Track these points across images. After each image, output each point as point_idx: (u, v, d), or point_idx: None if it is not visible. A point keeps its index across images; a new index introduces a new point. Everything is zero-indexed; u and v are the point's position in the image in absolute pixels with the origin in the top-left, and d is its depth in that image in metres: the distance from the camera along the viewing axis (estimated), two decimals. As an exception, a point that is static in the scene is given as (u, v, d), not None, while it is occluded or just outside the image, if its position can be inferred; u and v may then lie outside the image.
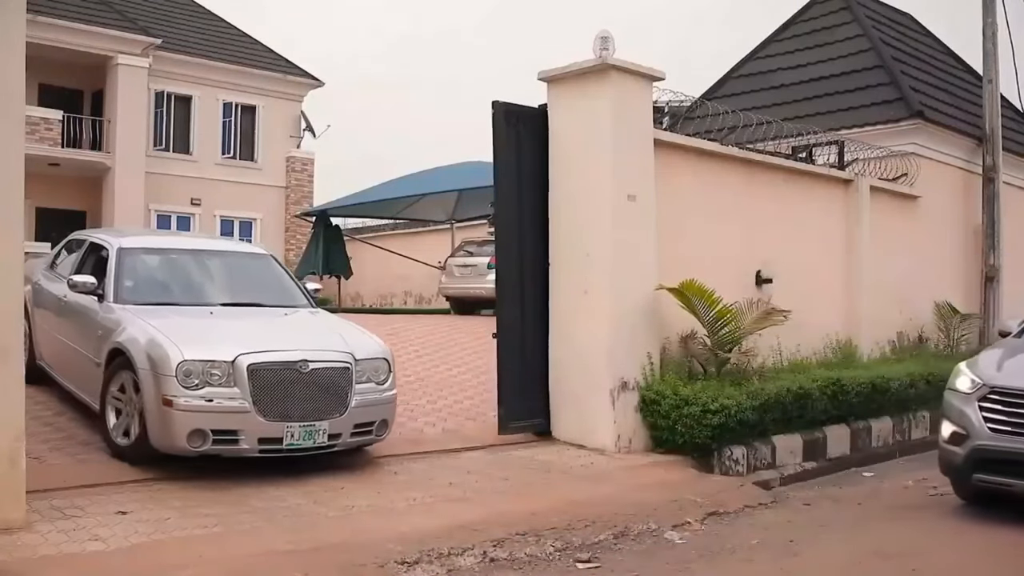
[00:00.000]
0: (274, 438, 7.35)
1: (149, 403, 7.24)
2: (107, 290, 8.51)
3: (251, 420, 7.25)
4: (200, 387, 7.19)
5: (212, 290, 9.19)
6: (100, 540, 5.79)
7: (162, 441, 7.25)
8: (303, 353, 7.64)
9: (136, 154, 28.53)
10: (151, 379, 7.25)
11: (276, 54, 34.00)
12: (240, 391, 7.26)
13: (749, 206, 11.20)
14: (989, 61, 15.50)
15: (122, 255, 8.89)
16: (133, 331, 7.70)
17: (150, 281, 8.96)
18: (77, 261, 9.66)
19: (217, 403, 7.20)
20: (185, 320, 8.09)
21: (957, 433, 7.80)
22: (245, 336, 7.86)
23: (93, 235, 10.12)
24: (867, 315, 12.87)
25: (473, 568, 5.95)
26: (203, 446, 7.19)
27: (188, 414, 7.13)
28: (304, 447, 7.49)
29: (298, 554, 5.79)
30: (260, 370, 7.36)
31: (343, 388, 7.74)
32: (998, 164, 15.34)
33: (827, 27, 17.24)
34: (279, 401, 7.38)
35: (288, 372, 7.47)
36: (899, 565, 6.41)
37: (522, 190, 9.66)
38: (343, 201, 25.51)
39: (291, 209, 32.23)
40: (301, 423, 7.42)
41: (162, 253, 9.43)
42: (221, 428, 7.21)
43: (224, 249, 10.21)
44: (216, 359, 7.29)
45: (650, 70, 9.74)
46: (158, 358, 7.27)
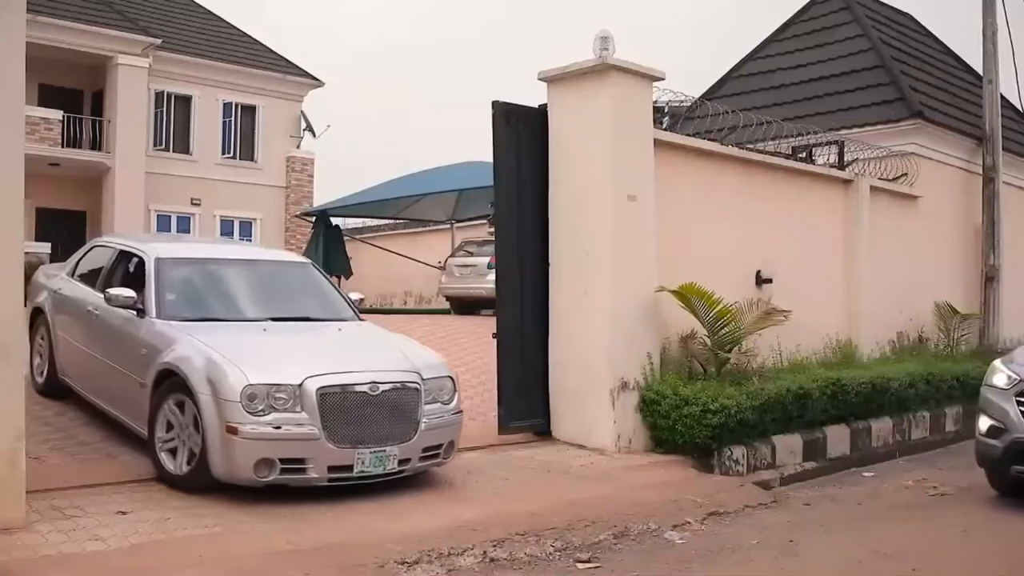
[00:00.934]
0: (344, 465, 6.90)
1: (210, 430, 6.73)
2: (148, 304, 7.89)
3: (320, 447, 6.79)
4: (266, 413, 6.71)
5: (258, 303, 8.58)
6: (100, 540, 5.79)
7: (225, 471, 6.76)
8: (372, 374, 7.19)
9: (136, 154, 28.53)
10: (212, 404, 6.74)
11: (276, 54, 33.99)
12: (308, 416, 6.79)
13: (749, 206, 11.21)
14: (989, 61, 15.50)
15: (161, 266, 8.24)
16: (185, 351, 7.17)
17: (193, 294, 8.35)
18: (105, 271, 9.03)
19: (285, 430, 6.72)
20: (239, 338, 7.57)
21: (995, 427, 8.24)
22: (307, 356, 7.43)
23: (122, 243, 9.38)
24: (867, 315, 12.88)
25: (473, 568, 5.95)
26: (270, 476, 6.73)
27: (254, 442, 6.65)
28: (374, 474, 7.05)
29: (298, 554, 5.79)
30: (330, 394, 6.89)
31: (413, 410, 7.29)
32: (998, 164, 15.34)
33: (827, 27, 17.25)
34: (349, 426, 6.93)
35: (358, 395, 7.02)
36: (899, 565, 6.42)
37: (522, 190, 9.66)
38: (343, 201, 25.50)
39: (291, 209, 32.22)
40: (371, 449, 6.98)
41: (201, 263, 8.83)
42: (289, 456, 6.76)
43: (263, 258, 9.77)
44: (282, 383, 6.82)
45: (650, 70, 9.74)
46: (220, 382, 6.77)
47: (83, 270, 9.61)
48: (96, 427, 8.56)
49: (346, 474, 6.94)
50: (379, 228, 33.70)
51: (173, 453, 7.12)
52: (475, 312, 19.65)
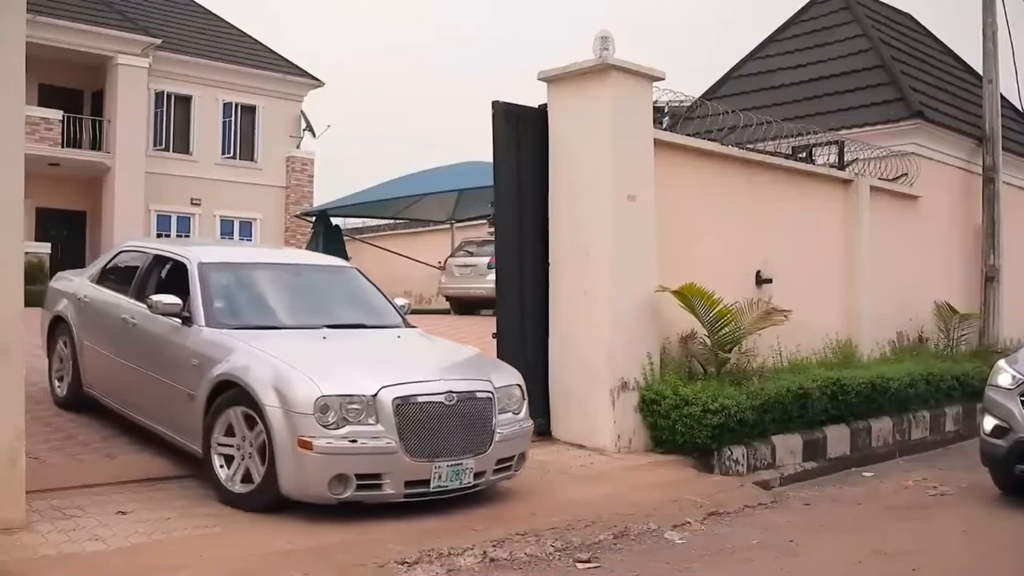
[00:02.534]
0: (421, 480, 6.60)
1: (280, 445, 6.37)
2: (195, 311, 7.49)
3: (397, 461, 6.47)
4: (340, 425, 6.38)
5: (309, 309, 8.23)
6: (100, 540, 5.79)
7: (296, 488, 6.43)
8: (446, 383, 6.89)
9: (136, 154, 28.56)
10: (281, 417, 6.38)
11: (276, 54, 34.02)
12: (384, 428, 6.46)
13: (749, 206, 11.20)
14: (989, 61, 15.50)
15: (205, 271, 7.82)
16: (245, 360, 6.81)
17: (241, 300, 7.99)
18: (139, 277, 8.55)
19: (361, 443, 6.39)
20: (300, 346, 7.24)
21: (1000, 427, 8.36)
22: (374, 365, 7.13)
23: (157, 247, 8.98)
24: (867, 315, 12.88)
25: (473, 568, 5.95)
26: (345, 493, 6.40)
27: (330, 457, 6.31)
28: (450, 488, 6.75)
29: (298, 554, 5.79)
30: (407, 404, 6.57)
31: (487, 421, 6.97)
32: (998, 164, 15.34)
33: (827, 27, 17.24)
34: (426, 438, 6.60)
35: (435, 405, 6.70)
36: (899, 565, 6.42)
37: (522, 190, 9.66)
38: (343, 201, 25.52)
39: (291, 209, 32.25)
40: (448, 462, 6.67)
41: (245, 268, 8.44)
42: (365, 472, 6.43)
43: (306, 262, 9.42)
44: (356, 393, 6.48)
45: (650, 70, 9.74)
46: (290, 393, 6.41)
47: (110, 277, 9.15)
48: (96, 428, 8.56)
49: (423, 489, 6.64)
50: (379, 228, 33.72)
51: (231, 469, 6.77)
52: (475, 312, 19.67)
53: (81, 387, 8.86)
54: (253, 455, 6.63)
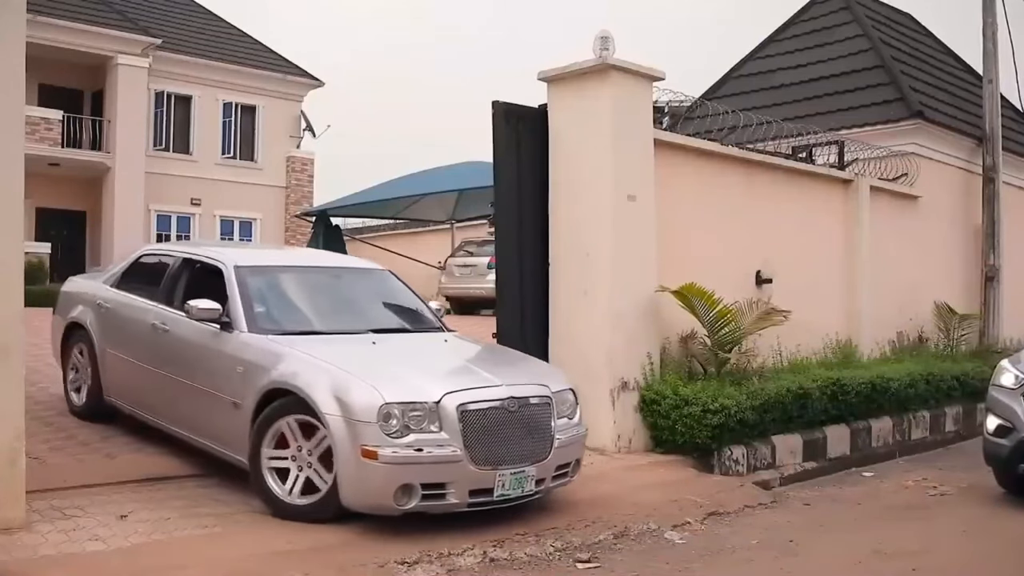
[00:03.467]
0: (485, 488, 6.41)
1: (341, 455, 6.17)
2: (235, 317, 7.25)
3: (462, 470, 6.27)
4: (404, 434, 6.17)
5: (351, 313, 8.08)
6: (100, 540, 5.79)
7: (359, 499, 6.25)
8: (507, 388, 6.68)
9: (136, 154, 28.58)
10: (343, 426, 6.17)
11: (276, 54, 34.03)
12: (448, 436, 6.26)
13: (749, 206, 11.20)
14: (989, 61, 15.50)
15: (242, 275, 7.58)
16: (299, 367, 6.59)
17: (281, 305, 7.77)
18: (167, 282, 8.26)
19: (427, 452, 6.19)
20: (353, 351, 7.04)
21: (1003, 426, 8.41)
22: (432, 370, 7.00)
23: (184, 251, 8.68)
24: (867, 315, 12.88)
25: (473, 568, 5.95)
26: (410, 503, 6.21)
27: (396, 467, 6.11)
28: (512, 497, 6.56)
29: (297, 554, 5.79)
30: (471, 411, 6.38)
31: (547, 426, 6.79)
32: (998, 164, 15.34)
33: (827, 27, 17.23)
34: (490, 446, 6.41)
35: (498, 412, 6.50)
36: (899, 565, 6.42)
37: (522, 190, 9.66)
38: (343, 201, 25.52)
39: (291, 209, 32.26)
40: (511, 469, 6.48)
41: (282, 272, 8.25)
42: (430, 481, 6.24)
43: (341, 265, 9.08)
44: (419, 400, 6.29)
45: (650, 70, 9.74)
46: (353, 401, 6.21)
47: (132, 281, 8.77)
48: (96, 428, 8.56)
49: (487, 498, 6.45)
50: (379, 228, 33.72)
51: (284, 480, 6.54)
52: (475, 312, 19.66)
53: (102, 396, 8.56)
54: (313, 465, 6.43)
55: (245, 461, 6.77)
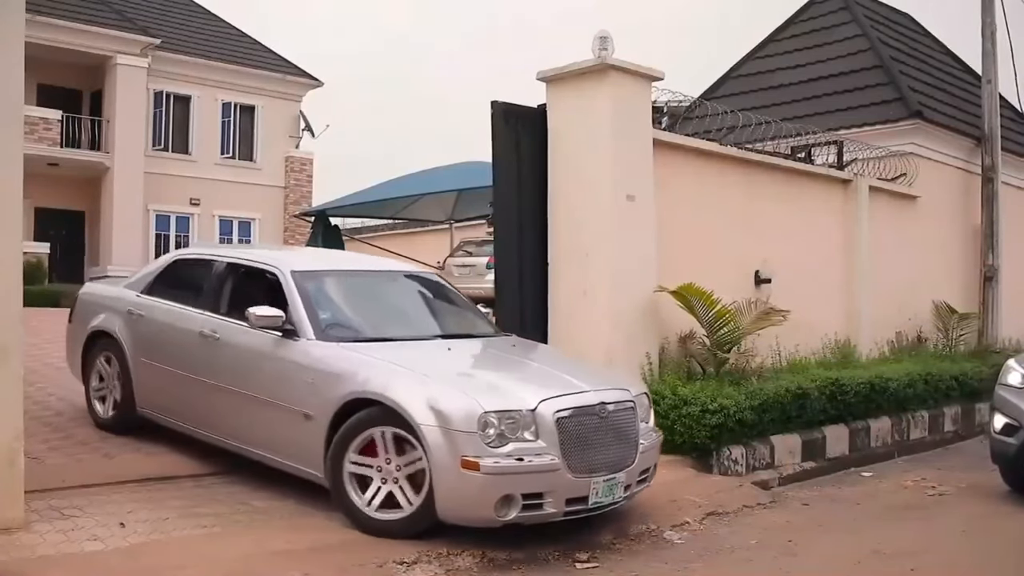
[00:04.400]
0: (580, 497, 6.26)
1: (439, 466, 5.96)
2: (299, 324, 6.97)
3: (560, 478, 6.12)
4: (501, 443, 5.99)
5: (414, 319, 7.94)
6: (98, 540, 5.79)
7: (458, 511, 6.06)
8: (596, 394, 6.56)
9: (135, 154, 28.62)
10: (441, 437, 5.95)
11: (275, 54, 34.04)
12: (546, 444, 6.10)
13: (748, 206, 11.20)
14: (988, 61, 15.50)
15: (300, 281, 7.30)
16: (383, 376, 6.38)
17: (344, 311, 7.57)
18: (211, 288, 7.93)
19: (527, 461, 6.02)
20: (432, 359, 6.89)
21: (1010, 424, 8.49)
22: (519, 377, 6.90)
23: (229, 256, 8.32)
24: (866, 315, 12.88)
25: (471, 568, 5.95)
26: (509, 514, 6.03)
27: (497, 477, 5.92)
28: (603, 504, 6.44)
29: (297, 553, 5.79)
30: (567, 418, 6.23)
31: (634, 432, 6.71)
32: (997, 164, 15.34)
33: (826, 27, 17.24)
34: (585, 452, 6.28)
35: (591, 417, 6.39)
36: (897, 565, 6.42)
37: (521, 190, 9.66)
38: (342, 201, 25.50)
39: (290, 209, 32.29)
40: (604, 476, 6.36)
41: (338, 276, 8.00)
42: (530, 491, 6.06)
43: (394, 269, 8.93)
44: (517, 408, 6.12)
45: (649, 70, 9.75)
46: (449, 410, 6.00)
47: (167, 288, 8.40)
48: (94, 427, 8.56)
49: (582, 506, 6.31)
50: (378, 228, 33.71)
51: (368, 494, 6.31)
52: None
53: (134, 408, 8.22)
54: (400, 479, 6.22)
55: (315, 473, 6.59)
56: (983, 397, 12.47)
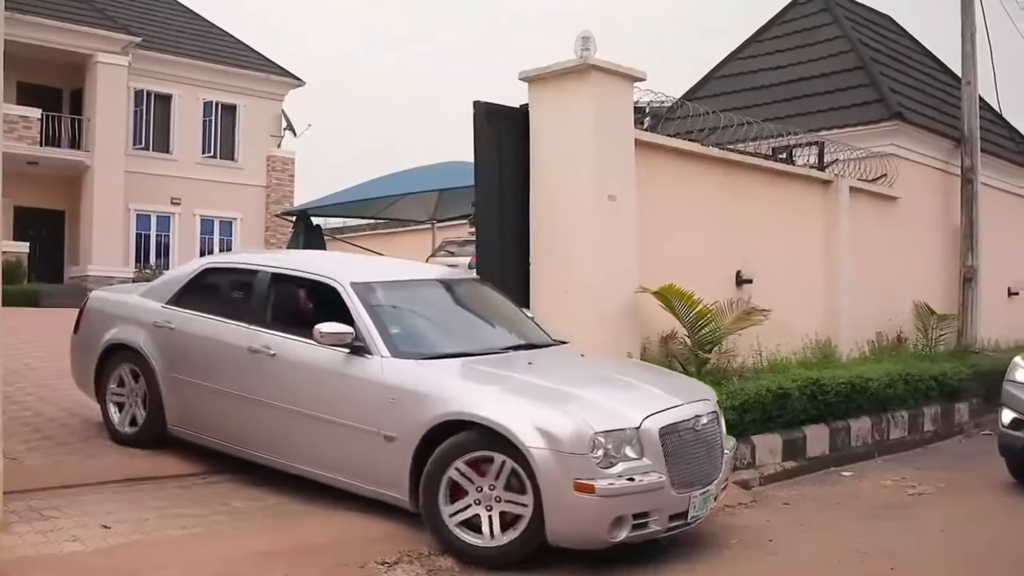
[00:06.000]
0: (681, 512, 6.18)
1: (550, 490, 5.74)
2: (370, 340, 6.67)
3: (665, 496, 6.02)
4: (611, 463, 5.83)
5: (478, 330, 7.74)
6: (78, 541, 5.76)
7: (570, 535, 5.86)
8: (689, 407, 6.50)
9: (115, 153, 28.48)
10: (551, 459, 5.73)
11: (257, 53, 33.96)
12: (651, 461, 5.98)
13: (729, 206, 11.23)
14: (968, 63, 15.61)
15: (362, 293, 7.00)
16: (478, 396, 6.20)
17: (412, 325, 7.27)
18: (257, 300, 7.55)
19: (639, 481, 5.87)
20: (520, 374, 6.69)
21: (1018, 419, 8.86)
22: (614, 392, 6.73)
23: (273, 265, 7.83)
24: (846, 315, 12.93)
25: (453, 568, 5.94)
26: (620, 535, 5.88)
27: (611, 499, 5.77)
28: (699, 518, 6.38)
29: (279, 554, 5.78)
30: (669, 433, 6.14)
31: (720, 441, 6.69)
32: (976, 165, 15.44)
33: (807, 28, 17.29)
34: (685, 467, 6.20)
35: (688, 432, 6.32)
36: (877, 564, 6.46)
37: (503, 190, 9.65)
38: (323, 201, 25.46)
39: (272, 209, 32.21)
40: (700, 490, 6.30)
41: (396, 287, 7.65)
42: (639, 510, 5.93)
43: (446, 277, 8.43)
44: (623, 427, 5.97)
45: (631, 70, 9.76)
46: (559, 432, 5.79)
47: (202, 299, 7.91)
48: (75, 428, 8.52)
49: (681, 522, 6.23)
50: (360, 228, 33.66)
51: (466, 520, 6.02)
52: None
53: (164, 426, 7.80)
54: (501, 500, 5.96)
55: (396, 496, 6.39)
56: (962, 397, 12.59)
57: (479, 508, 6.00)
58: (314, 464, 6.86)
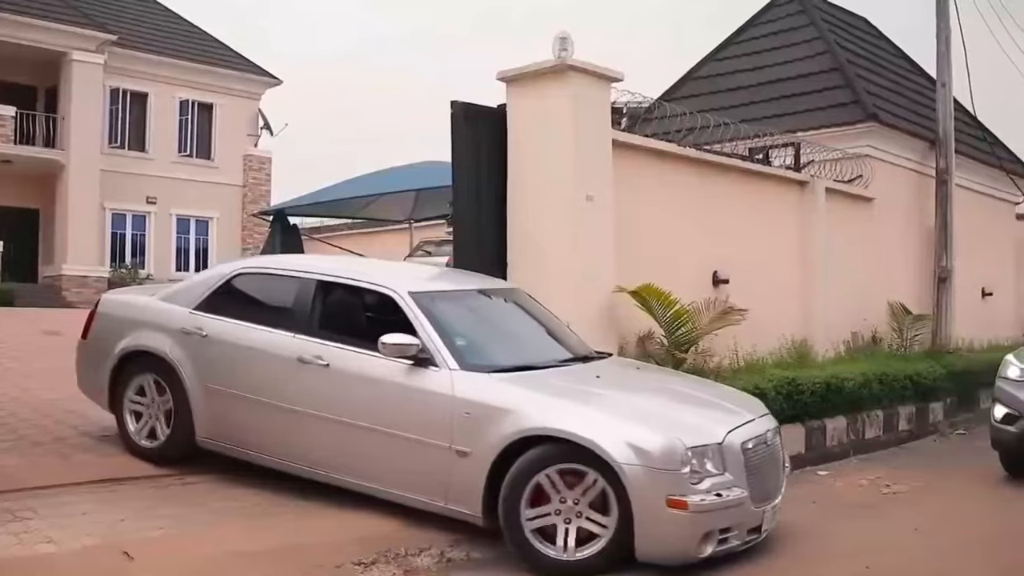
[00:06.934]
0: (756, 526, 6.24)
1: (641, 506, 5.69)
2: (436, 352, 6.51)
3: (745, 510, 6.07)
4: (700, 479, 5.84)
5: (534, 341, 7.61)
6: (52, 543, 5.71)
7: (660, 551, 5.83)
8: (761, 421, 6.64)
9: (91, 151, 28.28)
10: (642, 475, 5.69)
11: (234, 52, 33.82)
12: (733, 477, 6.00)
13: (706, 207, 11.27)
14: (942, 64, 15.70)
15: (422, 303, 6.85)
16: (563, 411, 6.12)
17: (475, 336, 7.12)
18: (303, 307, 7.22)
19: (725, 496, 5.89)
20: (596, 388, 6.73)
21: (1010, 414, 9.23)
22: (690, 407, 6.71)
23: (319, 271, 7.54)
24: (822, 315, 12.99)
25: (430, 568, 5.94)
26: (706, 550, 5.89)
27: (702, 515, 5.78)
28: (768, 531, 6.44)
29: (255, 555, 5.76)
30: (750, 448, 6.19)
31: (781, 455, 6.79)
32: (951, 166, 15.55)
33: (784, 30, 17.36)
34: (761, 482, 6.25)
35: (762, 446, 6.38)
36: (852, 563, 6.48)
37: (481, 190, 9.65)
38: (300, 200, 25.38)
39: (248, 208, 32.08)
40: (771, 503, 6.36)
41: (451, 297, 7.48)
42: (724, 526, 5.96)
43: (492, 287, 8.29)
44: (709, 443, 5.98)
45: (608, 71, 9.78)
46: (651, 448, 5.77)
47: (232, 304, 7.59)
48: (48, 428, 8.46)
49: (756, 536, 6.28)
50: (337, 227, 33.61)
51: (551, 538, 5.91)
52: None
53: (193, 437, 7.42)
54: (581, 515, 5.88)
55: (467, 512, 6.25)
56: (937, 397, 12.68)
57: (557, 519, 5.91)
58: (370, 478, 6.68)
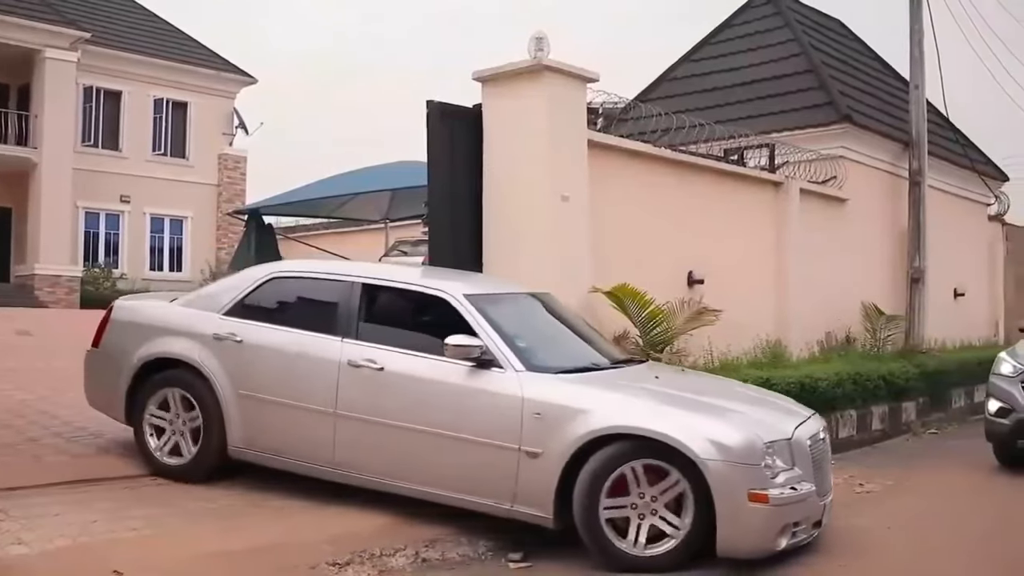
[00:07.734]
0: (819, 520, 6.43)
1: (724, 500, 5.78)
2: (500, 354, 6.47)
3: (812, 504, 6.23)
4: (776, 473, 5.98)
5: (580, 345, 7.52)
6: (23, 544, 5.65)
7: (741, 544, 5.92)
8: (816, 420, 6.88)
9: (64, 150, 28.04)
10: (724, 470, 5.78)
11: (209, 50, 33.66)
12: (802, 472, 6.15)
13: (681, 207, 11.31)
14: (916, 67, 15.84)
15: (479, 305, 6.81)
16: (637, 410, 6.20)
17: (532, 339, 7.05)
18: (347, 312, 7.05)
19: (799, 490, 6.06)
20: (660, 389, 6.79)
21: (1003, 408, 9.86)
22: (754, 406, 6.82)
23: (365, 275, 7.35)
24: (796, 315, 13.06)
25: (405, 568, 5.93)
26: (781, 544, 6.03)
27: (781, 508, 5.92)
28: (826, 524, 6.62)
29: (229, 555, 5.73)
30: (815, 444, 6.42)
31: (830, 451, 6.99)
32: (924, 168, 15.67)
33: (759, 31, 17.45)
34: (823, 477, 6.48)
35: (821, 442, 6.60)
36: (826, 562, 6.51)
37: (456, 190, 9.66)
38: (275, 200, 25.29)
39: (223, 207, 31.94)
40: (828, 499, 6.56)
41: (500, 301, 7.31)
42: (797, 519, 6.12)
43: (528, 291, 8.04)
44: (781, 438, 6.15)
45: (584, 71, 9.80)
46: (733, 444, 5.87)
47: (267, 309, 7.41)
48: (21, 429, 8.39)
49: (818, 529, 6.47)
50: (312, 227, 33.50)
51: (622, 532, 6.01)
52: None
53: (225, 448, 7.16)
54: (655, 513, 5.96)
55: (539, 514, 6.23)
56: (909, 396, 12.79)
57: (632, 512, 6.00)
58: (432, 484, 6.57)
